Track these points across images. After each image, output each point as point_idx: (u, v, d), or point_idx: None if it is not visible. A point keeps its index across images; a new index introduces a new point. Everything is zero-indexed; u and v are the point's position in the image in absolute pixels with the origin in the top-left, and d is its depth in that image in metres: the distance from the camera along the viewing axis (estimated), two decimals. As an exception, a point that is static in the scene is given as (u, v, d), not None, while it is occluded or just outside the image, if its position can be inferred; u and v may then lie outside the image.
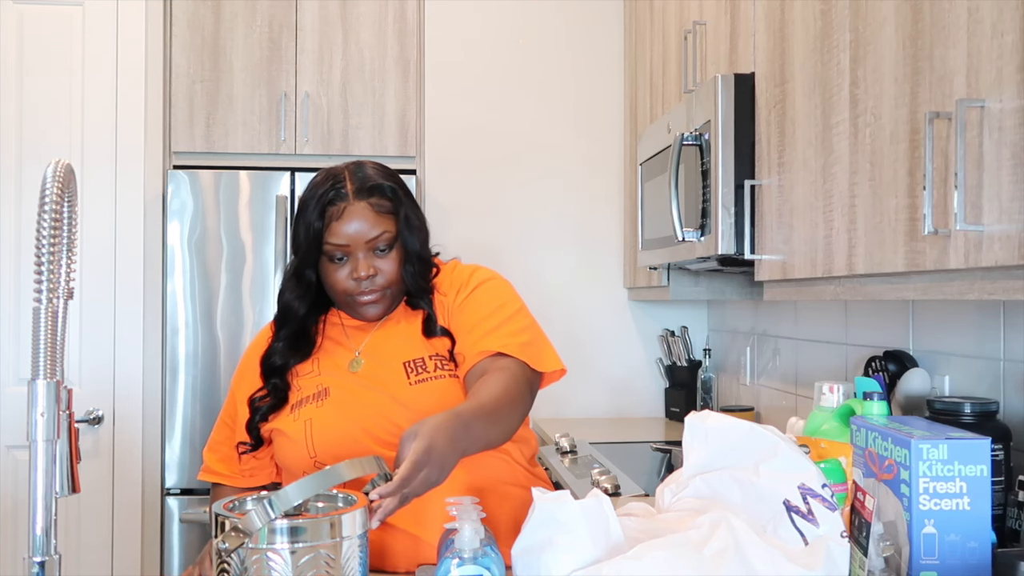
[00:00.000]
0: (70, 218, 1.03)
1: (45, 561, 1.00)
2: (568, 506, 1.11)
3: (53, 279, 1.01)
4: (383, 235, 1.48)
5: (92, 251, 3.10)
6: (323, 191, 1.48)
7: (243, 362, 1.62)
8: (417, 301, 1.55)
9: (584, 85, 3.40)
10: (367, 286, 1.49)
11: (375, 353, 1.53)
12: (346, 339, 1.56)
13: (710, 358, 3.33)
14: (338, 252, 1.47)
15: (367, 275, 1.47)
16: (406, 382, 1.48)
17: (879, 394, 1.46)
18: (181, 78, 3.20)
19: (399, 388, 1.48)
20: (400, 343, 1.53)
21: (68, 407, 1.02)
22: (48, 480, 1.00)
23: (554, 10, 3.38)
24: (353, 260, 1.48)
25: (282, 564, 1.04)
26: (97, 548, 3.06)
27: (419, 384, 1.48)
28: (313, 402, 1.49)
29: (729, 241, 2.00)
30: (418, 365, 1.49)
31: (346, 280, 1.49)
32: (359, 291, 1.49)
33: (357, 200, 1.47)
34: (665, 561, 1.04)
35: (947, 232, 1.24)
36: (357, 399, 1.48)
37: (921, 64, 1.33)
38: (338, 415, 1.46)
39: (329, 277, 1.50)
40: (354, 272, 1.47)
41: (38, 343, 1.00)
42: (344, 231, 1.46)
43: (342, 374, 1.52)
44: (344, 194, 1.47)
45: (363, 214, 1.47)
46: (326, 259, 1.49)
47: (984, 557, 1.09)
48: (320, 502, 1.18)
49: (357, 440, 1.44)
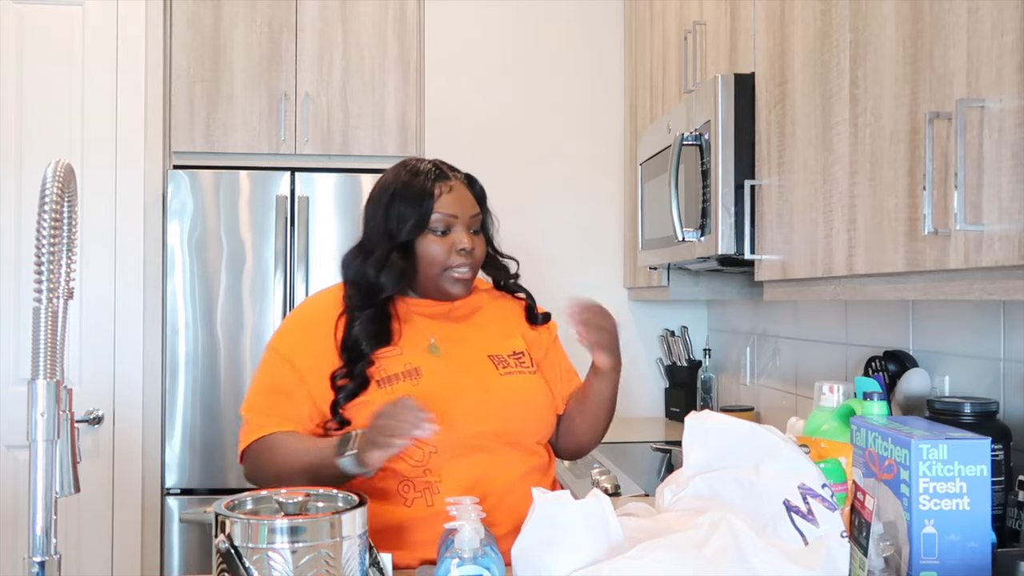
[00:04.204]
0: (70, 218, 1.03)
1: (45, 561, 1.00)
2: (568, 506, 1.11)
3: (53, 279, 1.01)
4: (479, 215, 1.64)
5: (92, 251, 3.10)
6: (426, 170, 1.62)
7: (294, 328, 1.63)
8: (514, 289, 1.73)
9: (584, 85, 3.40)
10: (467, 258, 1.59)
11: (452, 342, 1.62)
12: (419, 324, 1.62)
13: (710, 358, 3.33)
14: (442, 225, 1.59)
15: (471, 246, 1.59)
16: (496, 372, 1.60)
17: (879, 394, 1.46)
18: (181, 78, 3.20)
19: (490, 377, 1.59)
20: (479, 336, 1.64)
21: (68, 407, 1.02)
22: (48, 480, 1.00)
23: (554, 10, 3.38)
24: (457, 232, 1.60)
25: (282, 563, 1.04)
26: (97, 548, 3.06)
27: (507, 376, 1.60)
28: (405, 380, 1.54)
29: (729, 241, 2.00)
30: (502, 360, 1.62)
31: (448, 252, 1.59)
32: (459, 262, 1.59)
33: (459, 181, 1.64)
34: (665, 561, 1.04)
35: (947, 232, 1.24)
36: (450, 381, 1.55)
37: (921, 64, 1.33)
38: (437, 394, 1.50)
39: (429, 251, 1.59)
40: (459, 242, 1.59)
41: (38, 343, 1.00)
42: (454, 202, 1.60)
43: (426, 356, 1.58)
44: (447, 175, 1.63)
45: (465, 193, 1.63)
46: (428, 233, 1.59)
47: (984, 557, 1.09)
48: (320, 502, 1.18)
49: (455, 420, 1.48)
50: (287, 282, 3.10)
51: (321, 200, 3.14)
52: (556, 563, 1.08)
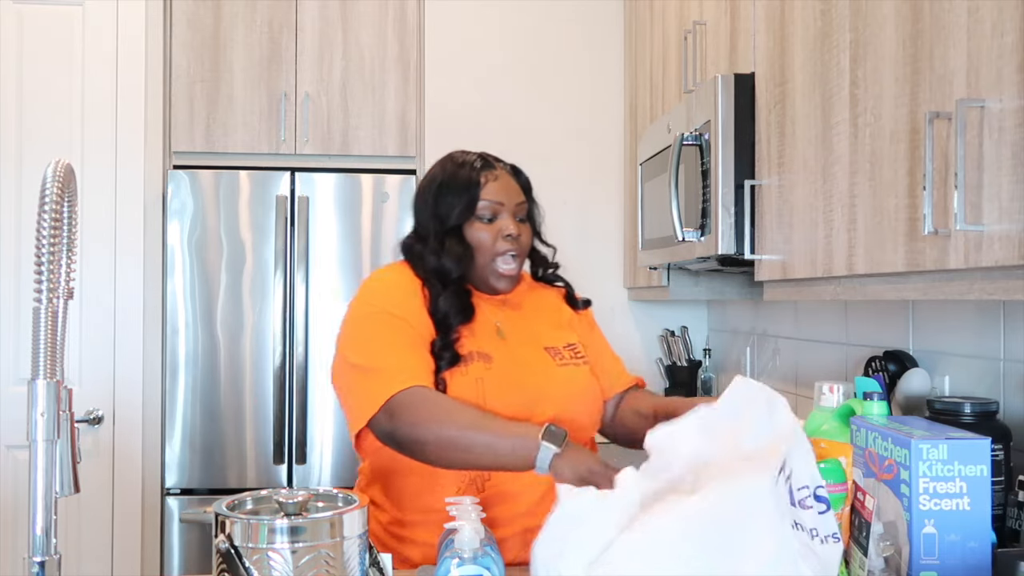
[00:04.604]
0: (70, 218, 1.03)
1: (45, 561, 1.00)
2: (589, 501, 1.11)
3: (53, 279, 1.01)
4: (524, 204, 1.68)
5: (92, 251, 3.10)
6: (472, 160, 1.67)
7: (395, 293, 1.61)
8: (552, 279, 1.78)
9: (584, 85, 3.40)
10: (513, 244, 1.63)
11: (513, 330, 1.66)
12: (483, 308, 1.65)
13: (710, 358, 3.33)
14: (489, 212, 1.63)
15: (517, 232, 1.63)
16: (553, 363, 1.64)
17: (879, 394, 1.46)
18: (181, 78, 3.20)
19: (550, 368, 1.63)
20: (536, 326, 1.69)
21: (68, 407, 1.02)
22: (48, 480, 1.00)
23: (554, 10, 3.38)
24: (503, 219, 1.64)
25: (282, 563, 1.04)
26: (97, 548, 3.06)
27: (563, 367, 1.64)
28: (479, 361, 1.57)
29: (729, 241, 2.00)
30: (557, 351, 1.66)
31: (494, 238, 1.63)
32: (505, 248, 1.63)
33: (504, 171, 1.69)
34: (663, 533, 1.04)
35: (947, 232, 1.24)
36: (516, 368, 1.59)
37: (921, 64, 1.33)
38: (508, 380, 1.56)
39: (477, 237, 1.63)
40: (506, 228, 1.63)
41: (38, 343, 1.00)
42: (499, 190, 1.65)
43: (495, 341, 1.62)
44: (493, 164, 1.68)
45: (511, 182, 1.68)
46: (476, 220, 1.63)
47: (984, 557, 1.09)
48: (320, 502, 1.18)
49: (519, 407, 1.52)
50: (287, 282, 3.10)
51: (321, 200, 3.14)
52: (569, 563, 1.09)
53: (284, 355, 3.09)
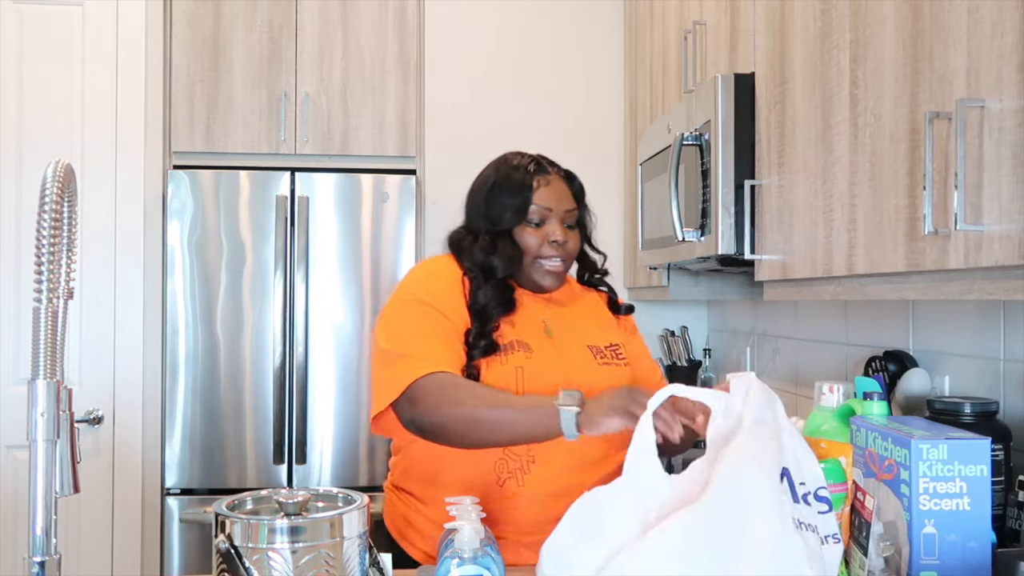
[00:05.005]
0: (70, 218, 1.03)
1: (45, 561, 1.00)
2: (601, 503, 1.11)
3: (53, 279, 1.01)
4: (574, 211, 1.71)
5: (92, 251, 3.10)
6: (526, 163, 1.70)
7: (433, 284, 1.64)
8: (596, 284, 1.80)
9: (584, 85, 3.40)
10: (559, 250, 1.66)
11: (560, 327, 1.68)
12: (529, 304, 1.68)
13: (710, 358, 3.33)
14: (537, 216, 1.66)
15: (563, 239, 1.66)
16: (595, 362, 1.66)
17: (879, 394, 1.46)
18: (181, 78, 3.20)
19: (591, 364, 1.65)
20: (581, 324, 1.71)
21: (68, 407, 1.02)
22: (48, 480, 1.00)
23: (554, 10, 3.38)
24: (551, 225, 1.66)
25: (282, 563, 1.04)
26: (97, 548, 3.06)
27: (605, 366, 1.66)
28: (520, 351, 1.59)
29: (729, 241, 2.00)
30: (600, 350, 1.68)
31: (540, 242, 1.66)
32: (550, 254, 1.66)
33: (558, 176, 1.72)
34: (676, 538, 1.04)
35: (947, 232, 1.24)
36: (559, 362, 1.61)
37: (921, 64, 1.33)
38: (548, 370, 1.58)
39: (524, 241, 1.66)
40: (553, 234, 1.65)
41: (38, 343, 1.00)
42: (550, 196, 1.67)
43: (539, 335, 1.64)
44: (547, 169, 1.71)
45: (563, 187, 1.71)
46: (524, 224, 1.66)
47: (984, 557, 1.10)
48: (320, 502, 1.18)
49: None
50: (287, 282, 3.10)
51: (321, 200, 3.14)
52: (578, 561, 1.09)
53: (284, 355, 3.09)
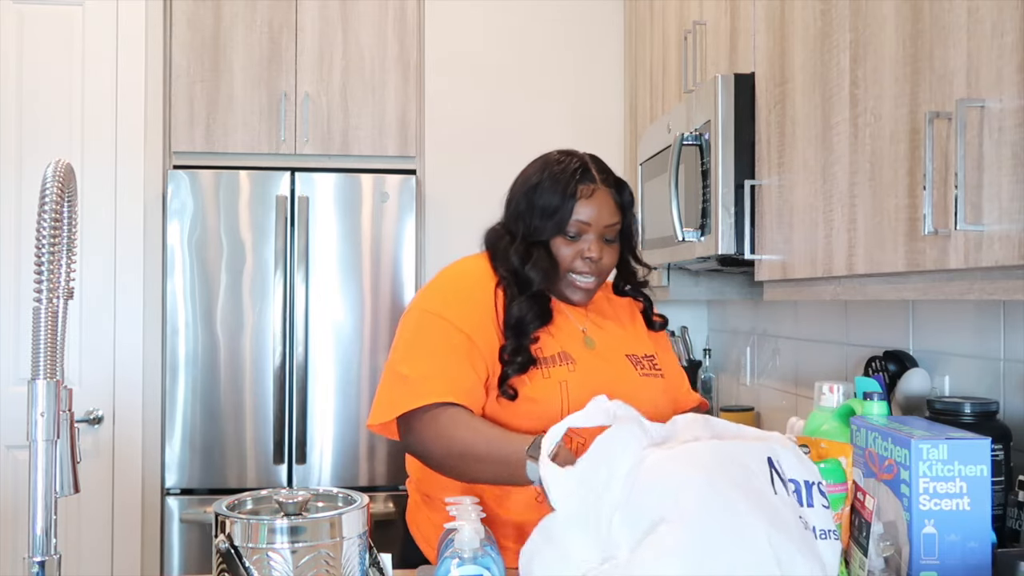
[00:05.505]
0: (70, 218, 1.03)
1: (45, 561, 1.00)
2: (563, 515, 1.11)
3: (53, 279, 1.01)
4: (615, 225, 1.60)
5: (92, 251, 3.10)
6: (573, 169, 1.58)
7: (456, 297, 1.57)
8: (634, 295, 1.72)
9: (584, 85, 3.40)
10: (591, 267, 1.58)
11: (600, 336, 1.63)
12: (567, 313, 1.63)
13: (710, 358, 3.33)
14: (575, 229, 1.56)
15: (598, 256, 1.57)
16: (635, 372, 1.61)
17: (879, 394, 1.46)
18: (181, 78, 3.20)
19: (633, 376, 1.60)
20: (618, 333, 1.66)
21: (68, 407, 1.02)
22: (48, 480, 1.00)
23: (554, 10, 3.38)
24: (586, 240, 1.57)
25: (282, 563, 1.04)
26: (97, 548, 3.06)
27: (643, 377, 1.61)
28: (562, 363, 1.53)
29: (729, 241, 1.99)
30: (638, 360, 1.63)
31: (573, 257, 1.58)
32: (582, 269, 1.58)
33: (604, 186, 1.59)
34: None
35: (947, 232, 1.24)
36: (602, 374, 1.56)
37: (921, 64, 1.33)
38: (593, 384, 1.48)
39: (558, 252, 1.58)
40: (587, 251, 1.57)
41: (38, 343, 1.00)
42: (590, 211, 1.56)
43: (579, 346, 1.59)
44: (593, 177, 1.59)
45: (607, 200, 1.58)
46: (560, 235, 1.57)
47: (984, 557, 1.10)
48: (320, 502, 1.18)
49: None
50: (287, 282, 3.10)
51: (321, 200, 3.14)
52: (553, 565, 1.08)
53: (284, 355, 3.09)
